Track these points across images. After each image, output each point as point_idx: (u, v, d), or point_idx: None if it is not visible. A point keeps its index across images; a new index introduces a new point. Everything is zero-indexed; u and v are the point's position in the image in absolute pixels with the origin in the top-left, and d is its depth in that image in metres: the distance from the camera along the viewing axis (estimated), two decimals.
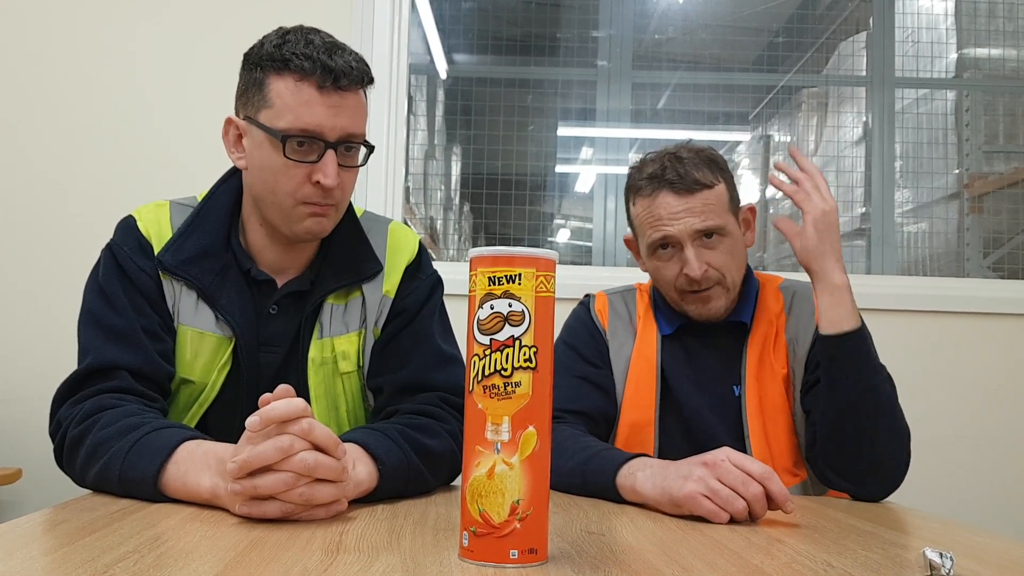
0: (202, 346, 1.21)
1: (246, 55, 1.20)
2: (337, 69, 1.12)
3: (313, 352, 1.23)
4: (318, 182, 1.15)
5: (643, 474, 1.12)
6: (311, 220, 1.18)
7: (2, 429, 2.16)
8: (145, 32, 2.24)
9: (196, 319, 1.21)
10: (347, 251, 1.27)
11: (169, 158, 2.20)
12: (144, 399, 1.14)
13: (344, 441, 1.02)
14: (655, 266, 1.44)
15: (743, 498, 1.02)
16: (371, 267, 1.27)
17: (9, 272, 2.20)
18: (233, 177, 1.29)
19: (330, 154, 1.15)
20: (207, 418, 1.22)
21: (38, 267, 2.20)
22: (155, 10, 2.24)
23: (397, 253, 1.31)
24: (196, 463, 0.98)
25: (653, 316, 1.49)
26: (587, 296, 1.57)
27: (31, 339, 2.18)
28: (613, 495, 1.15)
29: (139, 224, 1.23)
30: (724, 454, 1.06)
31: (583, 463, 1.21)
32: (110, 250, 1.23)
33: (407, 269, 1.31)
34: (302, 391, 1.20)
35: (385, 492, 1.05)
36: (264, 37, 1.19)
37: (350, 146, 1.18)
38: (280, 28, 1.19)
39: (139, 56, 2.23)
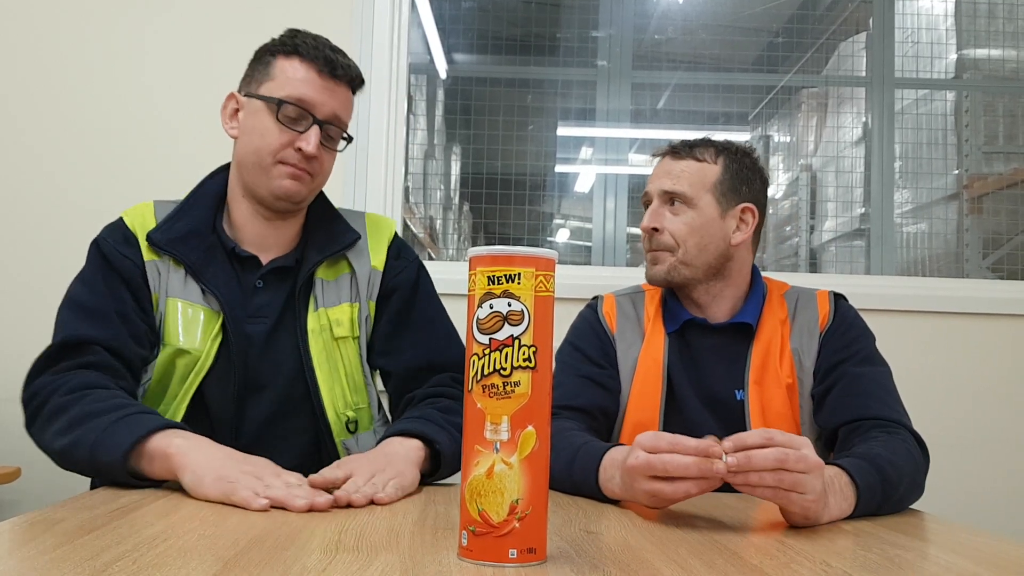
0: (194, 317, 1.30)
1: (258, 50, 1.36)
2: (336, 62, 1.32)
3: (311, 324, 1.35)
4: (300, 148, 1.29)
5: (613, 484, 1.11)
6: (288, 181, 1.31)
7: (2, 428, 2.16)
8: (150, 32, 2.24)
9: (186, 292, 1.31)
10: (324, 227, 1.41)
11: (174, 159, 2.19)
12: (116, 375, 1.22)
13: (399, 434, 1.20)
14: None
15: (688, 477, 0.95)
16: (349, 236, 1.40)
17: (11, 271, 2.20)
18: (219, 174, 1.42)
19: (315, 128, 1.31)
20: (203, 386, 1.31)
21: (41, 266, 2.19)
22: (159, 10, 2.24)
23: (377, 230, 1.45)
24: (221, 454, 1.08)
25: (662, 316, 1.48)
26: (595, 298, 1.56)
27: (32, 338, 2.17)
28: (603, 497, 1.15)
29: (125, 220, 1.35)
30: (644, 455, 0.98)
31: (568, 464, 1.19)
32: (96, 244, 1.34)
33: (390, 247, 1.45)
34: (304, 359, 1.33)
35: (442, 476, 1.22)
36: (276, 36, 1.36)
37: (333, 130, 1.34)
38: (291, 28, 1.37)
39: (144, 57, 2.23)
